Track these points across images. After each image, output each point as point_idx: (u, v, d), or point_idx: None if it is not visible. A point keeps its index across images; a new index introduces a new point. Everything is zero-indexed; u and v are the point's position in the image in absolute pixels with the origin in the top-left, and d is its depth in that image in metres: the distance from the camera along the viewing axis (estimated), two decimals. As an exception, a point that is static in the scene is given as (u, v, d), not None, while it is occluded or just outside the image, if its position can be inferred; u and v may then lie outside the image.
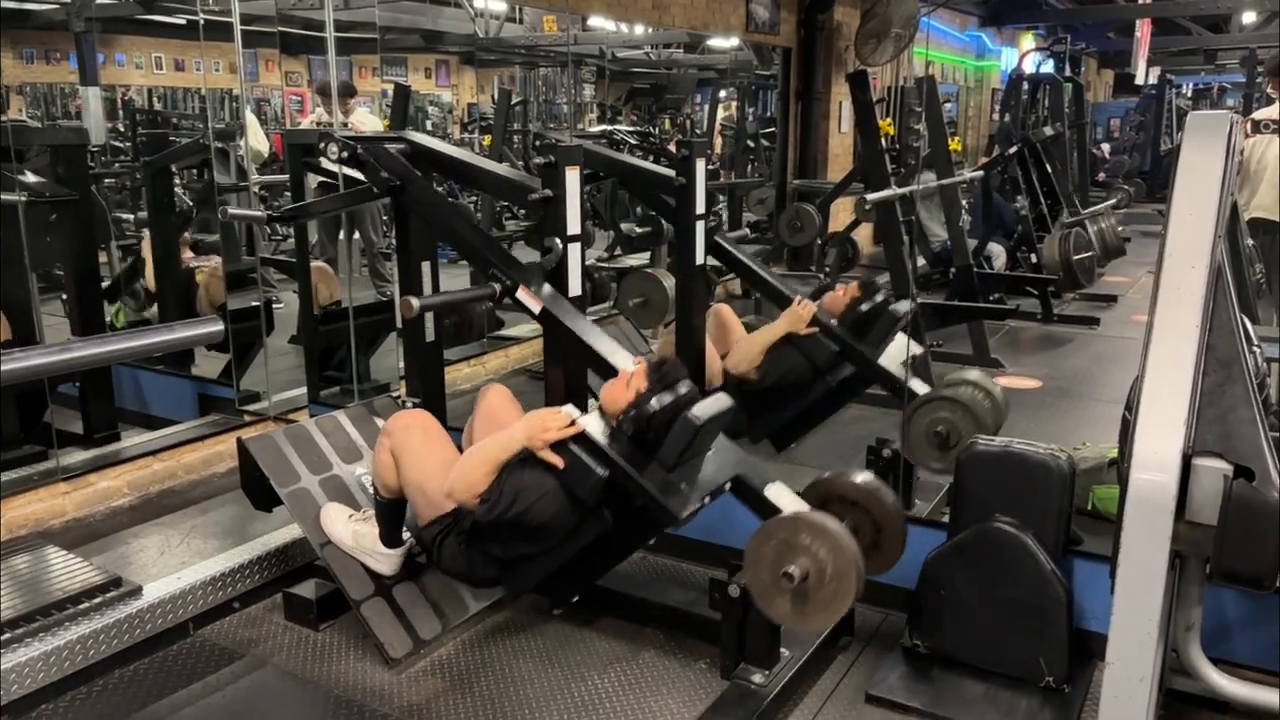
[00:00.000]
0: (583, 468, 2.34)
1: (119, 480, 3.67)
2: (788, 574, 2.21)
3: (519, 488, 2.37)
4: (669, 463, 2.35)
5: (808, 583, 2.22)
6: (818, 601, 2.24)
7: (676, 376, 2.41)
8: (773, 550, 2.28)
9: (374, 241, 6.76)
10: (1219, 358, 1.76)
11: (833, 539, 2.22)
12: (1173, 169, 1.85)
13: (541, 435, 2.36)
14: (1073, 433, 4.11)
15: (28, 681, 2.44)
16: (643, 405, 2.34)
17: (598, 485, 2.34)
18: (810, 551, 2.23)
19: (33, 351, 1.56)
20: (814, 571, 2.22)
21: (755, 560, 2.31)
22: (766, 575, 2.28)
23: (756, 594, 2.34)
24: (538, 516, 2.36)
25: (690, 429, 2.33)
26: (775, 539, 2.29)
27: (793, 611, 2.27)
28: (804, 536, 2.25)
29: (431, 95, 12.33)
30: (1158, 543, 1.68)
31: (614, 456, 2.34)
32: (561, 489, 2.36)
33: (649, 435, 2.35)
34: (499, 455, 2.42)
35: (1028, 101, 8.31)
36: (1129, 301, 7.33)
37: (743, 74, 9.91)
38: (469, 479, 2.43)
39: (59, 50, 8.97)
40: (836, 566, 2.21)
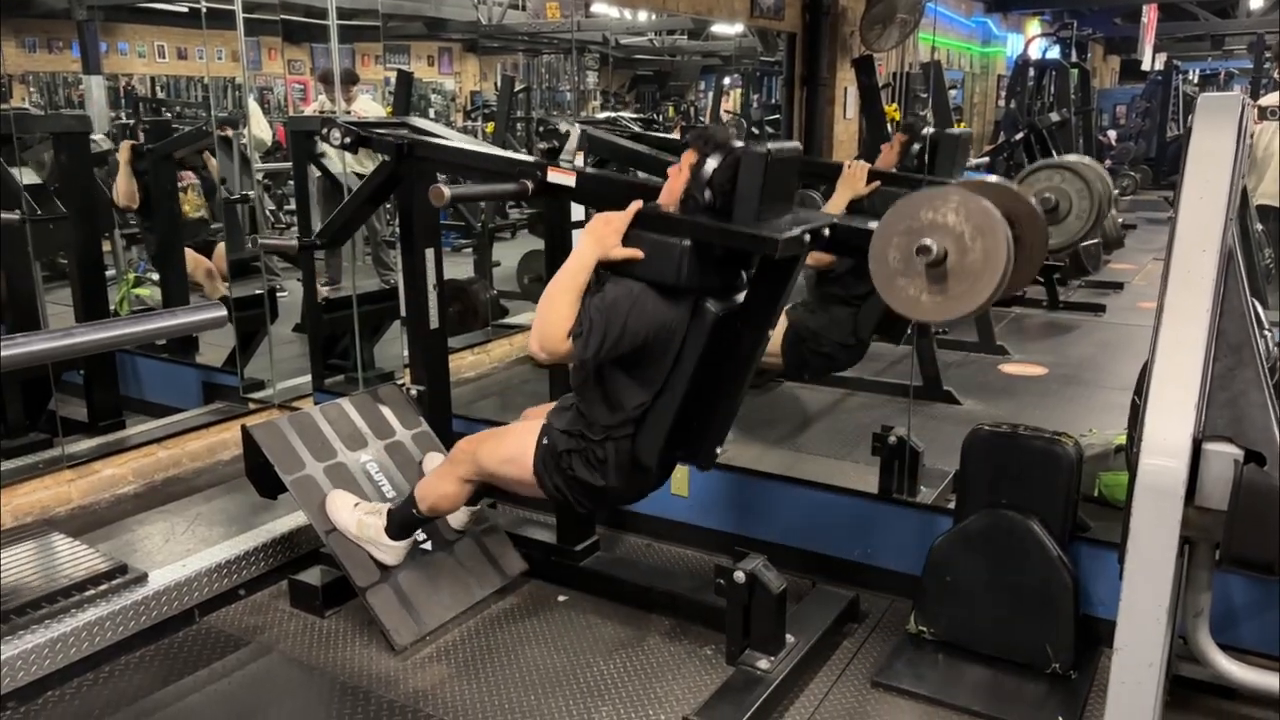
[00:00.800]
0: (663, 245, 2.11)
1: (124, 468, 3.67)
2: (924, 247, 1.89)
3: (606, 304, 2.11)
4: (751, 205, 2.10)
5: (947, 262, 1.90)
6: (960, 281, 1.90)
7: (724, 137, 2.18)
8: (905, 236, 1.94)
9: (377, 229, 6.74)
10: (1230, 342, 1.74)
11: (974, 206, 1.88)
12: (1184, 152, 1.83)
13: (608, 231, 2.15)
14: (1079, 419, 4.10)
15: (34, 668, 2.44)
16: (699, 171, 2.15)
17: (684, 255, 2.10)
18: (947, 226, 1.89)
19: (36, 336, 1.56)
20: (955, 250, 1.89)
21: (884, 237, 1.97)
22: (896, 251, 1.94)
23: (880, 278, 1.99)
24: (637, 326, 2.12)
25: (759, 162, 2.09)
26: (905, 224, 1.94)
27: (932, 302, 1.94)
28: (939, 211, 1.90)
29: (434, 83, 12.30)
30: (1167, 528, 1.66)
31: (691, 221, 2.14)
32: (651, 287, 2.13)
33: (719, 198, 2.13)
34: (575, 279, 2.16)
35: (1033, 88, 8.27)
36: (1135, 288, 7.30)
37: (747, 60, 9.86)
38: (553, 319, 2.13)
39: (61, 39, 8.95)
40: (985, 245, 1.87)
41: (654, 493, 2.62)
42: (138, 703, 2.45)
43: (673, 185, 2.23)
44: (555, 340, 2.13)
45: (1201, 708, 2.42)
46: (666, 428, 2.29)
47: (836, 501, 3.05)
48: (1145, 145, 13.77)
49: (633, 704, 2.45)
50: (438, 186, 2.33)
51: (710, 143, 2.17)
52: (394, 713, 2.41)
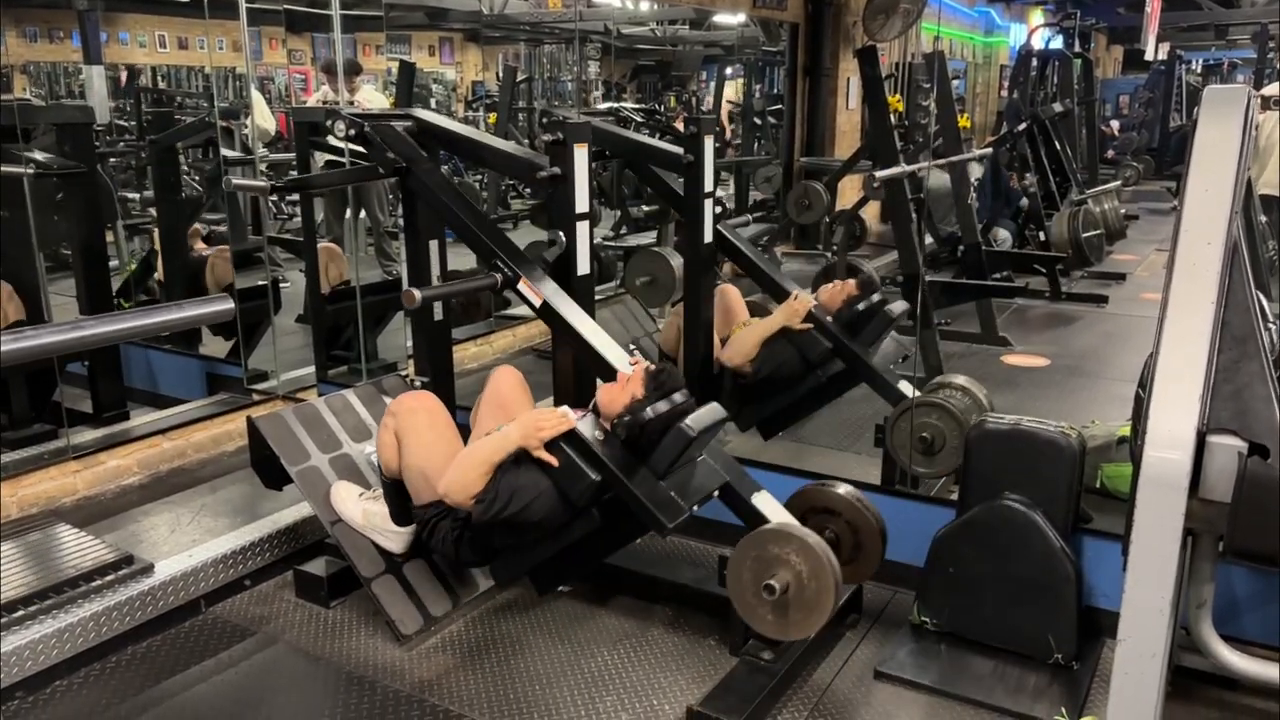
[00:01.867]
0: (576, 470, 2.39)
1: (129, 459, 3.68)
2: (769, 586, 2.32)
3: (514, 487, 2.39)
4: (660, 470, 2.40)
5: (788, 594, 2.33)
6: (797, 614, 2.35)
7: (674, 386, 2.45)
8: (756, 563, 2.38)
9: (380, 220, 6.73)
10: (1234, 334, 1.75)
11: (811, 552, 2.32)
12: (1189, 143, 1.83)
13: (536, 434, 2.40)
14: (1082, 411, 4.10)
15: (41, 658, 2.46)
16: (639, 412, 2.38)
17: (589, 488, 2.38)
18: (790, 564, 2.34)
19: (43, 330, 1.56)
20: (793, 584, 2.33)
21: (738, 571, 2.41)
22: (749, 587, 2.39)
23: (739, 604, 2.43)
24: (531, 515, 2.40)
25: (683, 440, 2.38)
26: (758, 551, 2.39)
27: (773, 622, 2.38)
28: (784, 549, 2.35)
29: (435, 73, 12.25)
30: (1171, 520, 1.67)
31: (606, 461, 2.38)
32: (555, 489, 2.40)
33: (642, 442, 2.39)
34: (493, 456, 2.43)
35: (1036, 78, 8.25)
36: (1138, 280, 7.29)
37: (749, 50, 9.83)
38: (464, 480, 2.44)
39: (62, 29, 8.92)
40: (815, 579, 2.32)
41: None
42: (145, 692, 2.47)
43: (615, 397, 2.44)
44: (461, 497, 2.45)
45: (1204, 698, 2.43)
46: (524, 569, 2.64)
47: (839, 493, 3.06)
48: (1148, 135, 13.72)
49: (636, 694, 2.47)
50: (409, 291, 2.51)
51: (661, 388, 2.41)
52: (399, 702, 2.42)
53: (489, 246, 2.74)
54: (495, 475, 2.42)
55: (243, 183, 3.97)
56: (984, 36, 13.57)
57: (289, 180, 3.20)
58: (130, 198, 6.18)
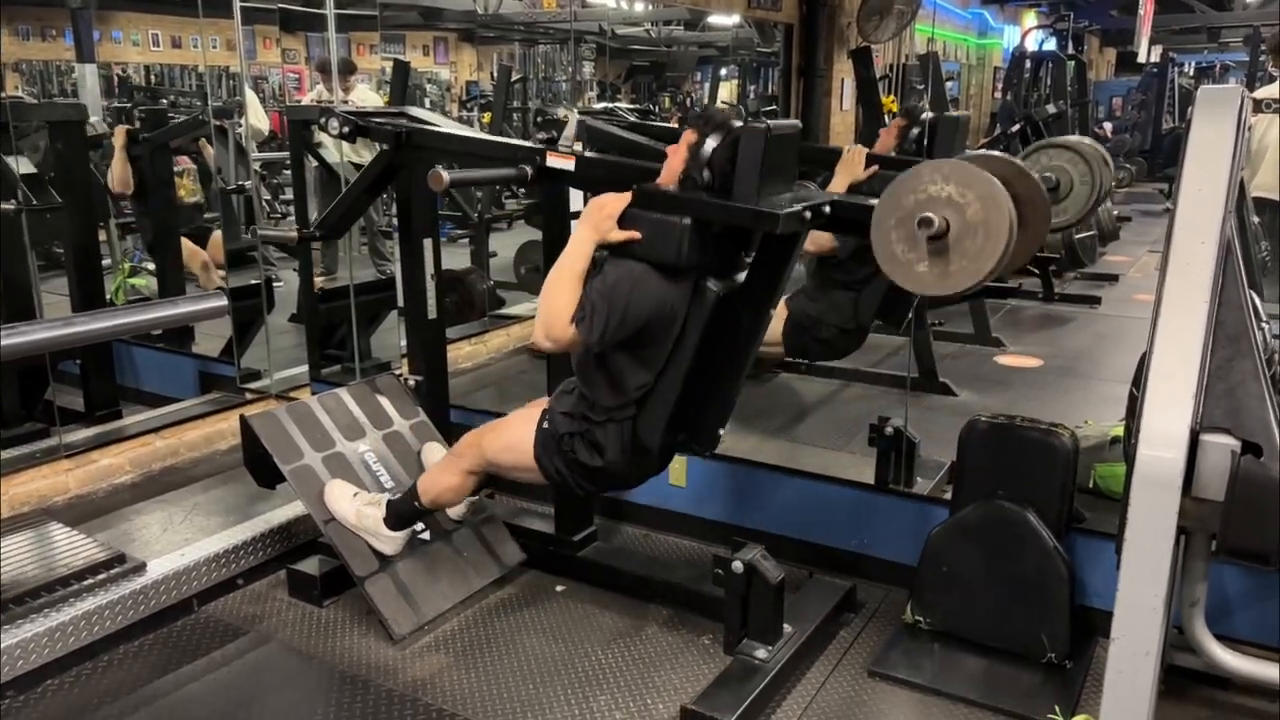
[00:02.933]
0: (662, 224, 2.10)
1: (121, 457, 3.66)
2: (926, 219, 1.88)
3: (607, 287, 2.11)
4: (751, 183, 2.09)
5: (948, 237, 1.89)
6: (962, 254, 1.90)
7: (723, 118, 2.18)
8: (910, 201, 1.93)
9: (374, 219, 6.72)
10: (1228, 333, 1.75)
11: (976, 179, 1.88)
12: (1183, 143, 1.83)
13: (604, 213, 2.15)
14: (1075, 411, 4.10)
15: (33, 657, 2.45)
16: (699, 151, 2.14)
17: (684, 234, 2.09)
18: (950, 201, 1.89)
19: (36, 326, 1.55)
20: (956, 221, 1.89)
21: (886, 213, 1.96)
22: (899, 233, 1.94)
23: (881, 252, 1.98)
24: (639, 307, 2.11)
25: (759, 140, 2.07)
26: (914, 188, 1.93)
27: (932, 274, 1.93)
28: (941, 184, 1.90)
29: (429, 73, 12.24)
30: (1164, 518, 1.67)
31: (690, 199, 2.13)
32: (652, 268, 2.13)
33: (717, 176, 2.13)
34: (575, 265, 2.16)
35: (1030, 79, 8.29)
36: (1130, 281, 7.31)
37: (744, 51, 9.85)
38: (555, 309, 2.14)
39: (55, 27, 8.90)
40: (984, 209, 1.87)
41: (652, 482, 2.63)
42: (137, 691, 2.46)
43: (672, 165, 2.22)
44: (559, 328, 2.13)
45: (1197, 697, 2.43)
46: (669, 409, 2.28)
47: (833, 492, 3.06)
48: (1141, 137, 13.77)
49: (630, 693, 2.46)
50: (437, 171, 2.33)
51: (710, 123, 2.16)
52: (392, 702, 2.42)
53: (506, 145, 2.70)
54: (585, 289, 2.14)
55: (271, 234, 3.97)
56: (978, 38, 13.60)
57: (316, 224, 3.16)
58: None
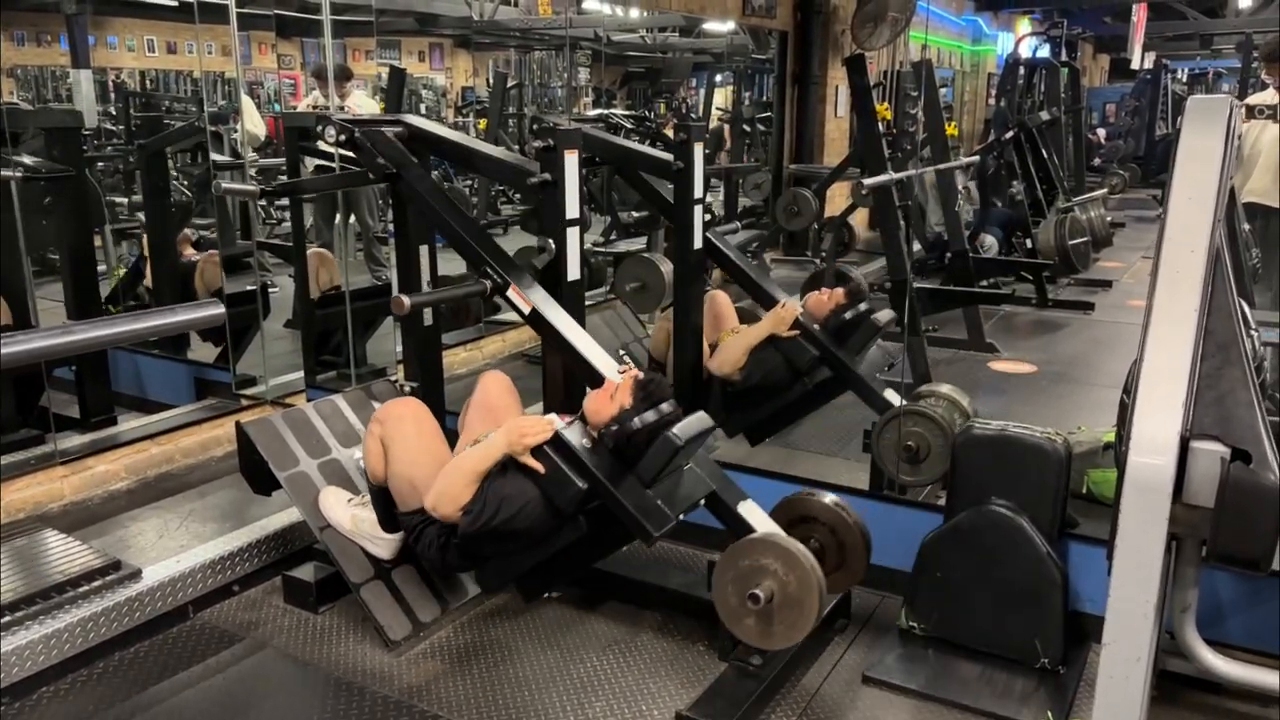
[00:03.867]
0: (563, 478, 2.38)
1: (116, 464, 3.66)
2: (754, 595, 2.33)
3: (502, 496, 2.39)
4: (647, 479, 2.41)
5: (773, 603, 2.33)
6: (781, 623, 2.36)
7: (661, 396, 2.44)
8: (741, 572, 2.38)
9: (370, 226, 6.73)
10: (1217, 341, 1.77)
11: (795, 562, 2.33)
12: (1173, 152, 1.85)
13: (522, 441, 2.39)
14: (1068, 417, 4.13)
15: (28, 664, 2.45)
16: (626, 422, 2.37)
17: (576, 496, 2.38)
18: (775, 574, 2.34)
19: (33, 334, 1.56)
20: (778, 594, 2.33)
21: (723, 579, 2.41)
22: (734, 596, 2.39)
23: (723, 612, 2.43)
24: (519, 524, 2.40)
25: (670, 449, 2.38)
26: (744, 560, 2.39)
27: (757, 631, 2.39)
28: (769, 559, 2.36)
29: (425, 79, 12.24)
30: (1155, 525, 1.69)
31: (593, 469, 2.38)
32: (542, 497, 2.40)
33: (629, 451, 2.39)
34: (480, 465, 2.43)
35: (1024, 86, 8.30)
36: (1124, 286, 7.35)
37: (739, 58, 9.86)
38: (452, 493, 2.43)
39: (50, 32, 8.89)
40: (800, 590, 2.32)
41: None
42: (132, 698, 2.46)
43: (601, 409, 2.44)
44: (450, 508, 2.44)
45: (1188, 702, 2.45)
46: (512, 576, 2.65)
47: (828, 498, 3.07)
48: (1134, 144, 13.81)
49: (625, 700, 2.47)
50: (398, 298, 2.58)
51: (650, 399, 2.41)
52: (388, 708, 2.42)
53: (478, 253, 2.75)
54: (482, 485, 2.42)
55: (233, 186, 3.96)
56: (972, 45, 13.65)
57: (278, 184, 3.20)
58: (118, 202, 6.16)
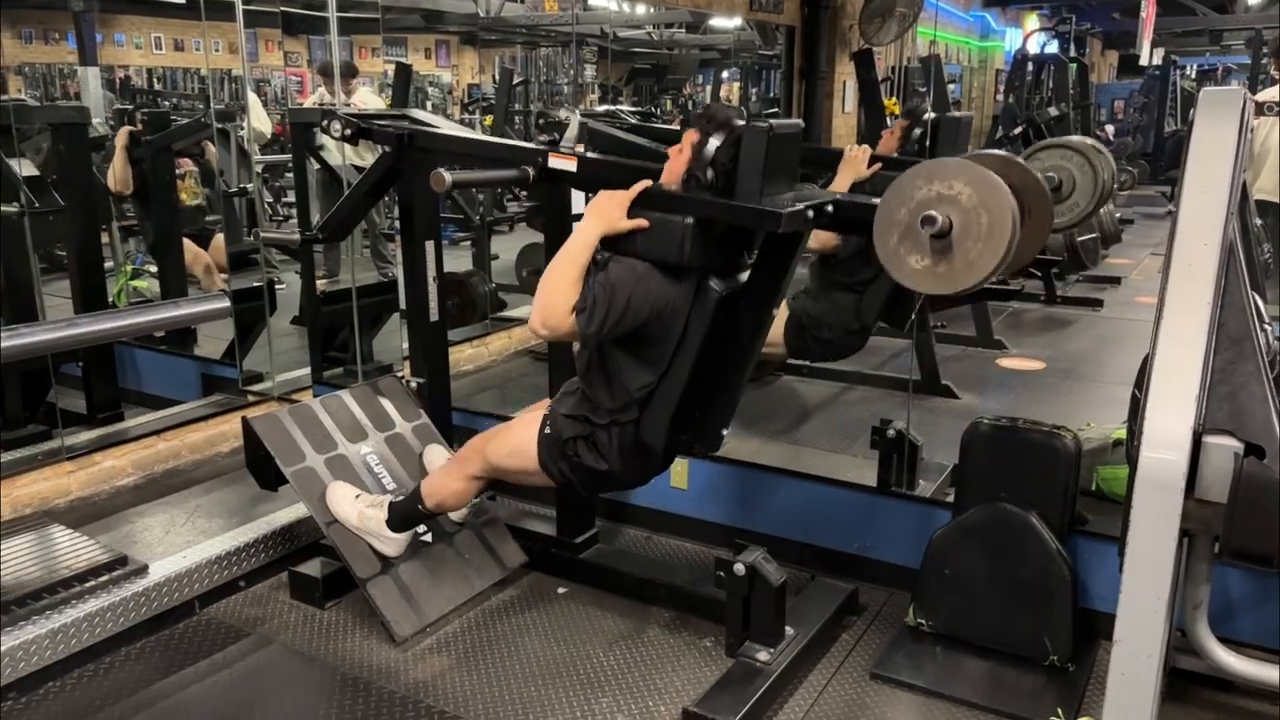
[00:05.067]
0: (666, 223, 2.12)
1: (123, 459, 3.67)
2: (929, 218, 1.87)
3: (610, 282, 2.11)
4: (754, 182, 2.10)
5: (951, 235, 1.88)
6: (963, 253, 1.89)
7: (726, 115, 2.18)
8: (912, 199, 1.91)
9: (376, 222, 6.73)
10: (1230, 335, 1.75)
11: (985, 180, 1.86)
12: (1186, 145, 1.83)
13: (610, 207, 2.15)
14: (1077, 413, 4.10)
15: (35, 659, 2.45)
16: (702, 150, 2.15)
17: (687, 233, 2.10)
18: (955, 199, 1.88)
19: (39, 327, 1.56)
20: (960, 224, 1.87)
21: (890, 210, 1.95)
22: (904, 224, 1.92)
23: (885, 254, 1.97)
24: (641, 305, 2.11)
25: (761, 139, 2.08)
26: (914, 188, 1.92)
27: (931, 271, 1.92)
28: (949, 183, 1.88)
29: (431, 76, 12.25)
30: (1167, 521, 1.67)
31: (694, 198, 2.14)
32: (654, 268, 2.13)
33: (721, 176, 2.14)
34: (578, 257, 2.16)
35: (1032, 82, 8.28)
36: (1133, 283, 7.31)
37: (745, 54, 9.85)
38: (556, 297, 2.12)
39: (57, 30, 8.91)
40: (991, 214, 1.85)
41: (654, 484, 2.63)
42: (138, 693, 2.46)
43: (674, 166, 2.22)
44: (558, 316, 2.12)
45: (1199, 700, 2.43)
46: (671, 409, 2.28)
47: (835, 495, 3.06)
48: (1143, 140, 13.76)
49: (632, 695, 2.46)
50: (439, 172, 2.33)
51: (713, 122, 2.16)
52: (394, 704, 2.41)
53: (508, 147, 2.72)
54: (587, 282, 2.13)
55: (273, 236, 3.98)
56: (980, 41, 13.60)
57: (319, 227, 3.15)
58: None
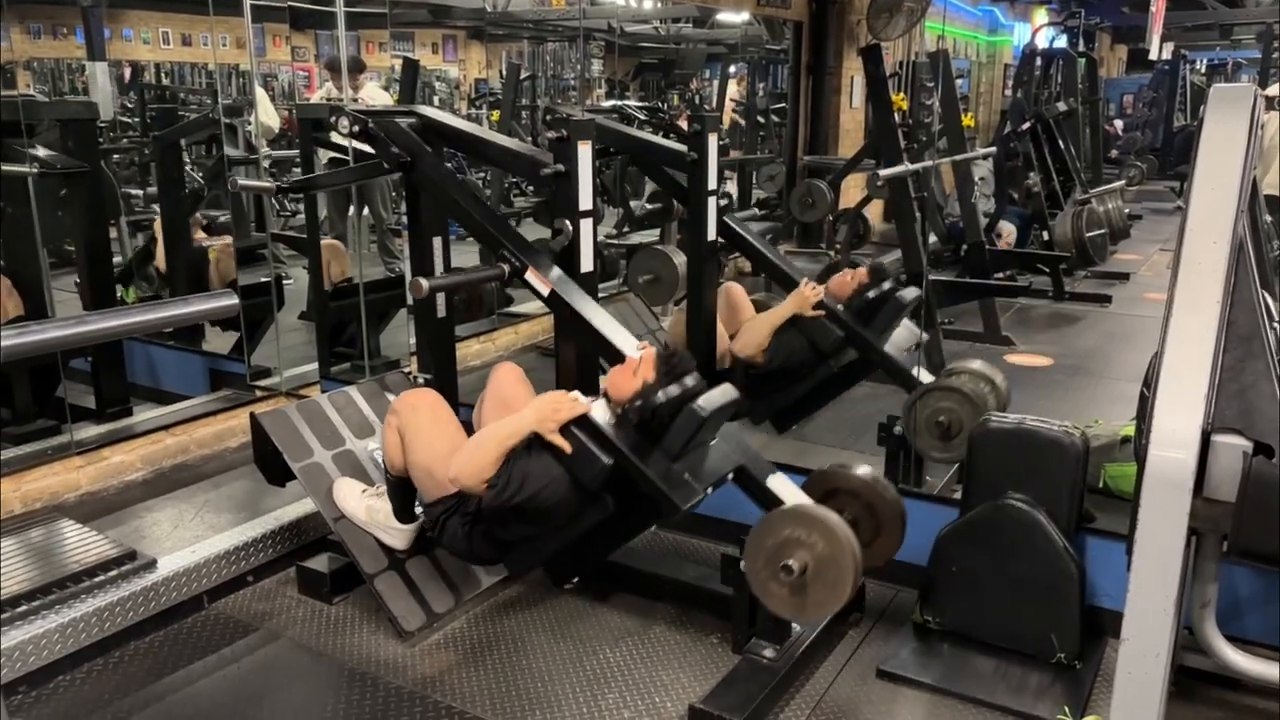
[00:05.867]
0: (589, 455, 2.36)
1: (132, 454, 3.68)
2: (787, 567, 2.25)
3: (526, 473, 2.38)
4: (673, 452, 2.38)
5: (806, 575, 2.25)
6: (815, 594, 2.26)
7: (684, 369, 2.42)
8: (772, 544, 2.30)
9: (383, 218, 6.73)
10: (1240, 333, 1.74)
11: (831, 532, 2.25)
12: (1195, 141, 1.82)
13: (552, 417, 2.38)
14: (1085, 410, 4.09)
15: (44, 653, 2.46)
16: (650, 396, 2.35)
17: (603, 473, 2.36)
18: (809, 545, 2.26)
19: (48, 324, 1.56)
20: (812, 565, 2.25)
21: (755, 553, 2.34)
22: (765, 569, 2.31)
23: (755, 586, 2.36)
24: (544, 502, 2.39)
25: (695, 421, 2.35)
26: (775, 533, 2.31)
27: (790, 603, 2.31)
28: (802, 530, 2.27)
29: (438, 71, 12.24)
30: (1175, 519, 1.66)
31: (619, 445, 2.36)
32: (567, 475, 2.38)
33: (654, 425, 2.36)
34: (507, 440, 2.42)
35: (1040, 77, 8.25)
36: (1141, 279, 7.28)
37: (753, 49, 9.82)
38: (477, 465, 2.42)
39: (66, 25, 8.92)
40: (835, 560, 2.23)
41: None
42: (147, 688, 2.47)
43: (623, 385, 2.40)
44: (473, 481, 2.43)
45: (1206, 698, 2.43)
46: (538, 560, 2.66)
47: (842, 491, 3.05)
48: (1152, 135, 13.70)
49: (638, 691, 2.47)
50: (417, 281, 2.59)
51: (672, 373, 2.38)
52: (401, 698, 2.42)
53: (496, 237, 2.74)
54: (507, 461, 2.40)
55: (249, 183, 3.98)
56: (988, 35, 13.56)
57: (295, 180, 3.19)
58: (133, 194, 6.18)
